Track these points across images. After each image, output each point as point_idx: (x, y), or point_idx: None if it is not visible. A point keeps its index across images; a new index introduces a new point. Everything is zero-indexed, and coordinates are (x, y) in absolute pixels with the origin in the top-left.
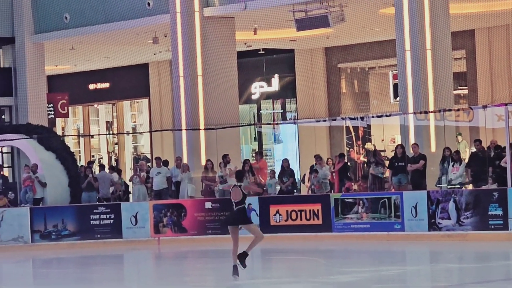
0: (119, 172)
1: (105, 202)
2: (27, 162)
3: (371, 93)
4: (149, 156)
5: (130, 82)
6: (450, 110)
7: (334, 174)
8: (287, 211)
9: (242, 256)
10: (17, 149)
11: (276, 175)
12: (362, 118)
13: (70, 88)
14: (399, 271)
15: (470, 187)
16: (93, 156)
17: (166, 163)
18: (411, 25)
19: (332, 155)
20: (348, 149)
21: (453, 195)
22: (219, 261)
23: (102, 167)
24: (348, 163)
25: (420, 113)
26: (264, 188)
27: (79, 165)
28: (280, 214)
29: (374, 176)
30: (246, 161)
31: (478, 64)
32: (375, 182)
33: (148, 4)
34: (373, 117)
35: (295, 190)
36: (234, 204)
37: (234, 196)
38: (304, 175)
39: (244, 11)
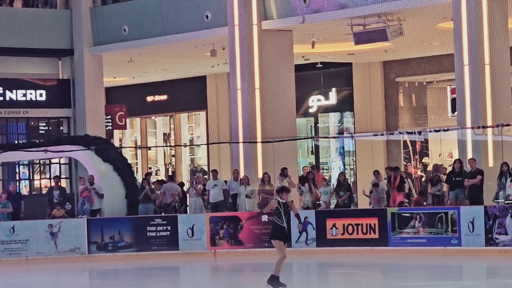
0: (181, 185)
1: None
2: (84, 174)
3: (429, 108)
4: (206, 168)
5: (188, 94)
6: (508, 125)
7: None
8: (343, 224)
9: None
10: (75, 160)
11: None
12: (419, 133)
13: (128, 100)
14: (455, 286)
15: None
16: (150, 168)
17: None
18: (470, 40)
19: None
20: (405, 163)
21: (510, 211)
22: None
23: (170, 177)
24: (405, 177)
25: (478, 128)
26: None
27: (137, 177)
28: (336, 228)
29: (433, 194)
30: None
31: None
32: (433, 200)
33: (207, 16)
34: (430, 131)
35: (351, 204)
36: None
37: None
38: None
39: (302, 24)
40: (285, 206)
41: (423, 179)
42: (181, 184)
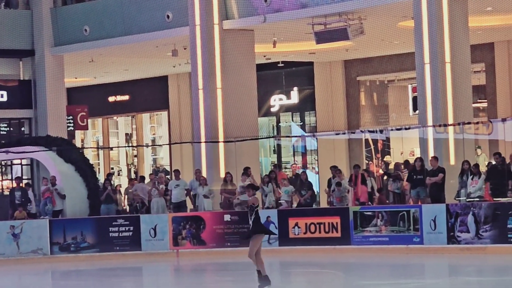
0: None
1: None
2: (46, 174)
3: (390, 106)
4: (168, 168)
5: (150, 94)
6: (469, 123)
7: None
8: (306, 223)
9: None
10: (36, 161)
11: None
12: (381, 131)
13: (90, 101)
14: (417, 284)
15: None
16: (112, 168)
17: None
18: (430, 38)
19: (351, 168)
20: (367, 162)
21: (472, 208)
22: (238, 273)
23: (142, 178)
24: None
25: (439, 126)
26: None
27: (99, 178)
28: (299, 227)
29: (393, 192)
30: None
31: (498, 77)
32: (394, 198)
33: (168, 16)
34: (392, 130)
35: (313, 203)
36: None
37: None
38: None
39: (263, 24)
40: (250, 207)
41: (385, 177)
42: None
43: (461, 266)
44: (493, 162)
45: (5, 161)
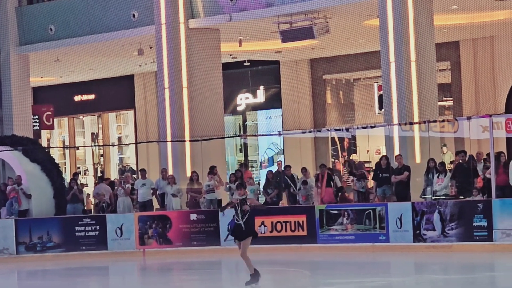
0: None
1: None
2: (12, 174)
3: (356, 105)
4: (134, 167)
5: (116, 93)
6: (435, 121)
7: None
8: (272, 222)
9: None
10: (1, 161)
11: (261, 186)
12: (347, 129)
13: (55, 100)
14: (383, 282)
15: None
16: (78, 167)
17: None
18: (396, 37)
19: (317, 167)
20: (333, 160)
21: (437, 206)
22: (204, 272)
23: (101, 179)
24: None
25: (405, 124)
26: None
27: (65, 177)
28: (265, 226)
29: (357, 191)
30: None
31: (463, 75)
32: (358, 197)
33: (133, 15)
34: (358, 128)
35: (280, 202)
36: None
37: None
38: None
39: (229, 23)
40: (241, 203)
41: (350, 179)
42: (112, 184)
43: (427, 264)
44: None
45: None
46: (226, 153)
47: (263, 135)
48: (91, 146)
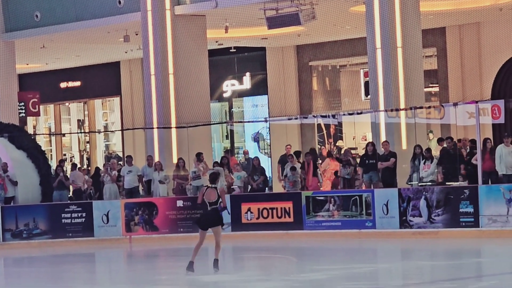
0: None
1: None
2: None
3: (343, 91)
4: (120, 154)
5: (102, 80)
6: (421, 107)
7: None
8: (258, 209)
9: (216, 263)
10: None
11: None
12: (333, 116)
13: (41, 87)
14: (370, 268)
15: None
16: (64, 154)
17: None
18: (382, 23)
19: (303, 153)
20: (319, 146)
21: (424, 193)
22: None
23: (74, 166)
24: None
25: (391, 110)
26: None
27: (51, 164)
28: (251, 212)
29: (343, 178)
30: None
31: (449, 61)
32: (344, 184)
33: (119, 2)
34: (344, 114)
35: (266, 188)
36: (208, 204)
37: (209, 197)
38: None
39: (215, 9)
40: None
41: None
42: (97, 170)
43: (414, 250)
44: (445, 145)
45: None
46: (212, 139)
47: (249, 121)
48: (77, 133)
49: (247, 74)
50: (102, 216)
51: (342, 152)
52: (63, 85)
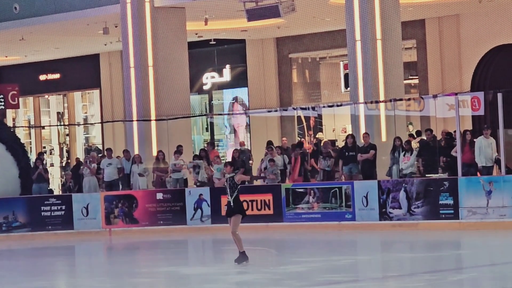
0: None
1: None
2: None
3: (322, 83)
4: (100, 147)
5: (81, 73)
6: (400, 99)
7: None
8: None
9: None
10: None
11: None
12: (313, 108)
13: (21, 79)
14: (350, 260)
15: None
16: (44, 147)
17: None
18: (361, 15)
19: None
20: (299, 139)
21: (404, 185)
22: (170, 251)
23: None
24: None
25: (371, 102)
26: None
27: (30, 157)
28: None
29: (323, 170)
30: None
31: (429, 53)
32: (323, 176)
33: None
34: (324, 107)
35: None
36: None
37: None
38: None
39: (194, 1)
40: (230, 181)
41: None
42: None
43: (393, 242)
44: (424, 138)
45: None
46: (193, 132)
47: (229, 114)
48: (57, 125)
49: (227, 66)
50: (81, 209)
51: (322, 144)
52: (42, 77)
